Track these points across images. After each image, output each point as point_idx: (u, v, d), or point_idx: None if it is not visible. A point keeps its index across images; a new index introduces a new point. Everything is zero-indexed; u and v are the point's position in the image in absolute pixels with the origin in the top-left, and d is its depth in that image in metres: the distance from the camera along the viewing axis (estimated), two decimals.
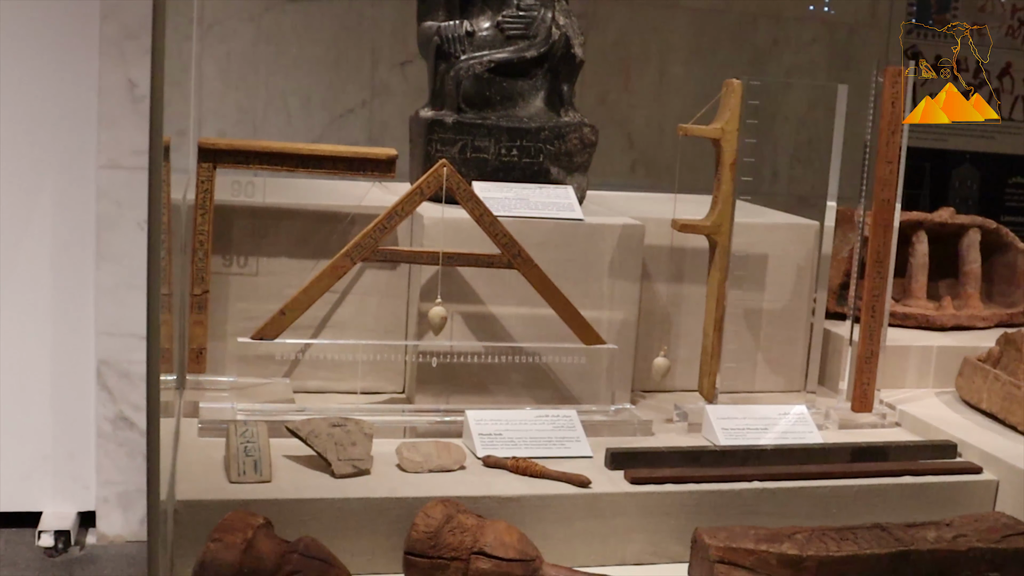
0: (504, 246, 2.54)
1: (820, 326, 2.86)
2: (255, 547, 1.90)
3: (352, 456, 2.26)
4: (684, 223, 2.66)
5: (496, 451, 2.37)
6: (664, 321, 2.93)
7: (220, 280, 2.67)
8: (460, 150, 2.76)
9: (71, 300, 3.84)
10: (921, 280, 3.35)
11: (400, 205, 2.51)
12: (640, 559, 2.29)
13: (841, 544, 2.17)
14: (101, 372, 3.90)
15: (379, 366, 2.68)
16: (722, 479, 2.36)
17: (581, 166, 2.86)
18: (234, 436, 2.26)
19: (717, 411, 2.61)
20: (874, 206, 2.73)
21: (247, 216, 2.67)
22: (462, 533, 2.02)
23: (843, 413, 2.78)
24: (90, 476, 4.04)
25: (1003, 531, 2.28)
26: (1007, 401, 2.75)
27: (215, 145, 2.60)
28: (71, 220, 3.78)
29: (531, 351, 2.65)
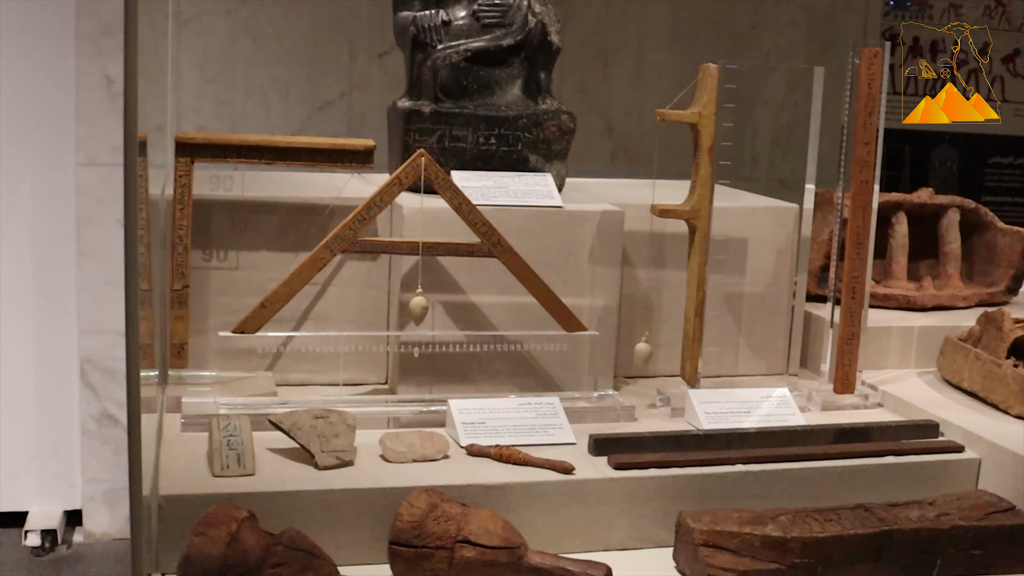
0: (484, 235, 2.55)
1: (801, 309, 2.87)
2: (239, 540, 1.90)
3: (335, 447, 2.26)
4: (663, 208, 2.66)
5: (479, 440, 2.37)
6: (645, 307, 2.93)
7: (200, 275, 2.66)
8: (438, 140, 2.76)
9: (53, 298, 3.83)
10: (901, 261, 3.36)
11: (379, 196, 2.51)
12: (625, 544, 2.30)
13: (825, 525, 2.18)
14: (84, 370, 3.89)
15: (361, 357, 2.68)
16: (705, 463, 2.37)
17: (560, 153, 2.86)
18: (217, 430, 2.26)
19: (700, 395, 2.61)
20: (852, 188, 2.73)
21: (226, 210, 2.67)
22: (446, 522, 2.02)
23: (825, 395, 2.78)
24: (76, 474, 4.03)
25: (986, 508, 2.29)
26: (988, 380, 2.76)
27: (192, 140, 2.59)
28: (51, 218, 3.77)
29: (513, 339, 2.65)
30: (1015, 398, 2.68)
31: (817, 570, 2.14)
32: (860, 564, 2.18)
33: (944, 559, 2.23)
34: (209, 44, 4.63)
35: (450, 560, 2.01)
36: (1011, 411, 2.69)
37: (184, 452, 2.29)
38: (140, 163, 2.26)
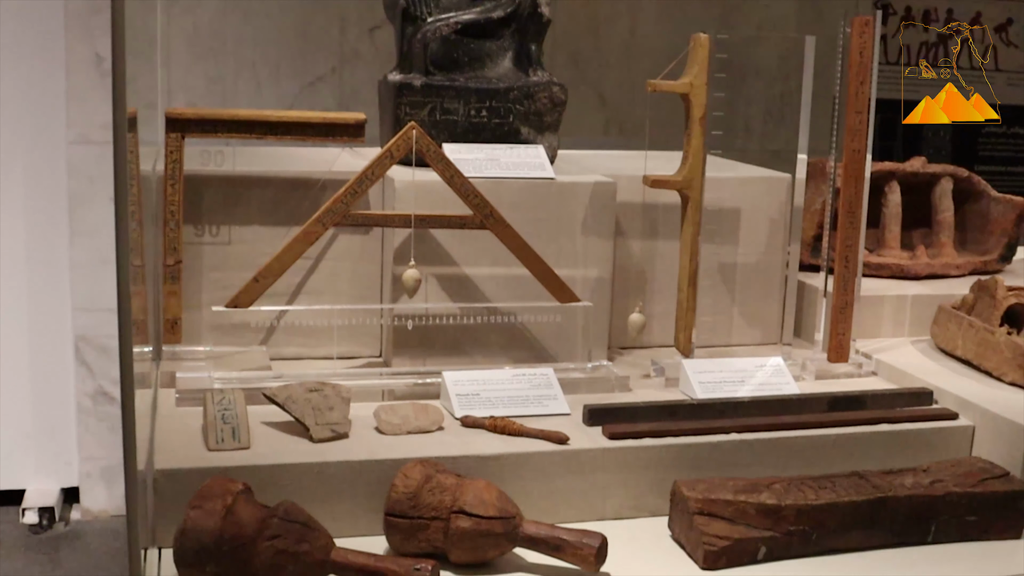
0: (476, 207, 2.54)
1: (794, 278, 2.87)
2: (235, 513, 1.90)
3: (330, 420, 2.26)
4: (656, 179, 2.66)
5: (474, 411, 2.38)
6: (639, 277, 2.93)
7: (193, 250, 2.66)
8: (429, 113, 2.76)
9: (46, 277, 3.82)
10: (894, 230, 3.36)
11: (370, 169, 2.50)
12: (620, 513, 2.30)
13: (819, 492, 2.18)
14: (79, 348, 3.89)
15: (355, 331, 2.68)
16: (700, 432, 2.37)
17: (551, 125, 2.85)
18: (211, 404, 2.26)
19: (694, 365, 2.62)
20: (845, 157, 2.73)
21: (218, 185, 2.66)
22: (441, 493, 2.03)
23: (819, 364, 2.79)
24: (72, 452, 4.03)
25: (980, 475, 2.30)
26: (982, 347, 2.76)
27: (182, 115, 2.58)
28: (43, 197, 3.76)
29: (506, 311, 2.65)
30: (1008, 365, 2.69)
31: (812, 537, 2.15)
32: (854, 531, 2.18)
33: (938, 525, 2.24)
34: (199, 21, 4.61)
35: (446, 531, 2.01)
36: (1004, 378, 2.70)
37: (179, 427, 2.29)
38: (130, 139, 2.25)
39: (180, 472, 2.09)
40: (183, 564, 1.90)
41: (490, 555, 2.04)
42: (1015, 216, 3.41)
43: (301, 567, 1.89)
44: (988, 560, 2.20)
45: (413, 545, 2.02)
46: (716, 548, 2.09)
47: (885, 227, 3.36)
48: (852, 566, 2.15)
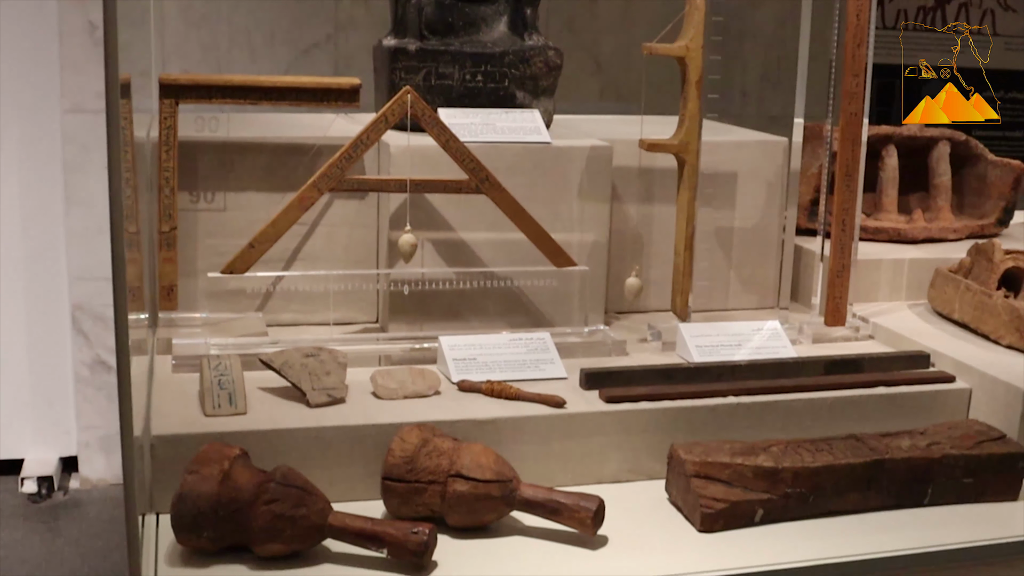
0: (472, 171, 2.53)
1: (791, 242, 2.87)
2: (232, 478, 1.90)
3: (326, 385, 2.26)
4: (652, 142, 2.65)
5: (470, 375, 2.37)
6: (635, 242, 2.93)
7: (188, 216, 2.65)
8: (424, 77, 2.74)
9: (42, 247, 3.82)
10: (891, 194, 3.36)
11: (365, 134, 2.49)
12: (617, 477, 2.30)
13: (816, 455, 2.19)
14: (76, 317, 3.90)
15: (351, 296, 2.68)
16: (697, 395, 2.37)
17: (547, 90, 2.84)
18: (208, 370, 2.26)
19: (690, 329, 2.61)
20: (842, 120, 2.72)
21: (212, 151, 2.65)
22: (438, 456, 2.03)
23: (816, 327, 2.78)
24: (70, 421, 4.05)
25: (976, 438, 2.30)
26: (979, 310, 2.76)
27: (176, 81, 2.57)
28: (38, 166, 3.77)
29: (503, 275, 2.65)
30: (1005, 328, 2.68)
31: (809, 499, 2.15)
32: (851, 493, 2.19)
33: (935, 487, 2.24)
34: None
35: (443, 494, 2.01)
36: (1001, 341, 2.69)
37: (175, 393, 2.28)
38: (124, 106, 2.23)
39: (177, 438, 2.09)
40: (180, 529, 1.90)
41: (487, 518, 2.04)
42: (1012, 180, 3.41)
43: (298, 531, 1.89)
44: (984, 522, 2.21)
45: (410, 509, 2.02)
46: (713, 511, 2.09)
47: (882, 191, 3.36)
48: (849, 528, 2.15)
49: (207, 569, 1.90)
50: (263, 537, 1.89)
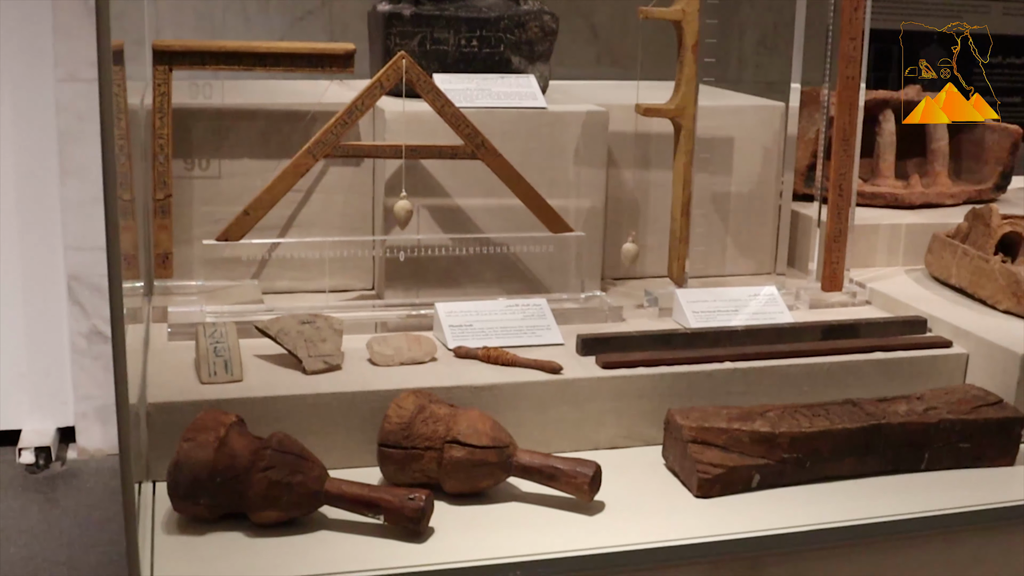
0: (467, 137, 2.52)
1: (788, 208, 2.86)
2: (228, 445, 1.90)
3: (322, 352, 2.25)
4: (648, 107, 2.64)
5: (467, 342, 2.37)
6: (632, 207, 2.92)
7: (183, 184, 2.64)
8: (419, 43, 2.73)
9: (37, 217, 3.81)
10: (889, 159, 3.35)
11: (360, 100, 2.48)
12: (614, 443, 2.30)
13: (813, 420, 2.18)
14: (72, 288, 3.89)
15: (347, 263, 2.67)
16: (694, 361, 2.36)
17: (543, 55, 2.82)
18: (203, 337, 2.25)
19: (687, 294, 2.61)
20: (839, 84, 2.71)
21: (207, 118, 2.64)
22: (435, 423, 2.02)
23: (813, 293, 2.78)
24: (67, 392, 4.04)
25: (973, 403, 2.30)
26: (976, 275, 2.76)
27: (170, 47, 2.55)
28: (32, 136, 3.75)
29: (499, 241, 2.64)
30: (1003, 293, 2.68)
31: (805, 465, 2.15)
32: (848, 458, 2.19)
33: (932, 452, 2.24)
34: None
35: (439, 460, 2.01)
36: (999, 306, 2.69)
37: (171, 361, 2.28)
38: (117, 73, 2.22)
39: (173, 405, 2.09)
40: (177, 497, 1.89)
41: (484, 484, 2.04)
42: (1010, 145, 3.39)
43: (295, 498, 1.89)
44: (981, 487, 2.21)
45: (407, 475, 2.02)
46: (710, 476, 2.09)
47: (879, 156, 3.35)
48: (846, 493, 2.15)
49: (204, 537, 1.90)
50: (260, 504, 1.88)
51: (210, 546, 1.88)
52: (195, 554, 1.85)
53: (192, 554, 1.85)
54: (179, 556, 1.85)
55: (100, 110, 1.61)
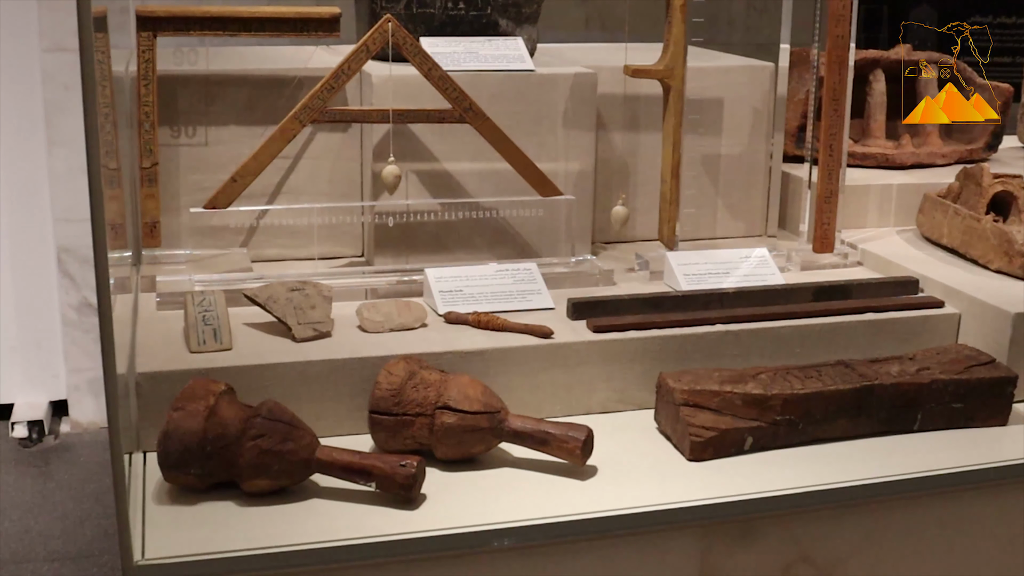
0: (455, 100, 2.50)
1: (778, 169, 2.84)
2: (218, 414, 1.89)
3: (312, 319, 2.24)
4: (636, 68, 2.62)
5: (457, 307, 2.36)
6: (621, 170, 2.90)
7: (169, 152, 2.62)
8: (406, 6, 2.70)
9: (25, 188, 3.79)
10: (879, 119, 3.33)
11: (346, 64, 2.46)
12: (606, 407, 2.29)
13: (805, 382, 2.18)
14: (61, 259, 3.88)
15: (336, 230, 2.65)
16: (685, 324, 2.35)
17: (530, 17, 2.80)
18: (192, 306, 2.24)
19: (678, 257, 2.60)
20: (828, 43, 2.69)
21: (192, 85, 2.62)
22: (425, 389, 2.01)
23: (805, 255, 2.77)
24: (59, 365, 4.03)
25: (966, 362, 2.30)
26: (967, 235, 2.75)
27: (153, 13, 2.52)
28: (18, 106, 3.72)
29: (488, 206, 2.62)
30: (994, 253, 2.67)
31: (798, 426, 2.15)
32: (841, 419, 2.18)
33: (924, 413, 2.24)
34: None
35: (431, 427, 2.00)
36: (990, 266, 2.68)
37: (160, 330, 2.26)
38: (101, 40, 2.20)
39: (162, 375, 2.07)
40: (167, 467, 1.88)
41: (476, 450, 2.03)
42: (1001, 104, 3.38)
43: (286, 466, 1.88)
44: (974, 447, 2.20)
45: (398, 442, 2.01)
46: (702, 439, 2.08)
47: (870, 116, 3.33)
48: (839, 455, 2.14)
49: (195, 507, 1.89)
50: (250, 473, 1.88)
51: (201, 516, 1.87)
52: (186, 524, 1.84)
53: (183, 524, 1.84)
54: (170, 526, 1.84)
55: (82, 77, 1.59)
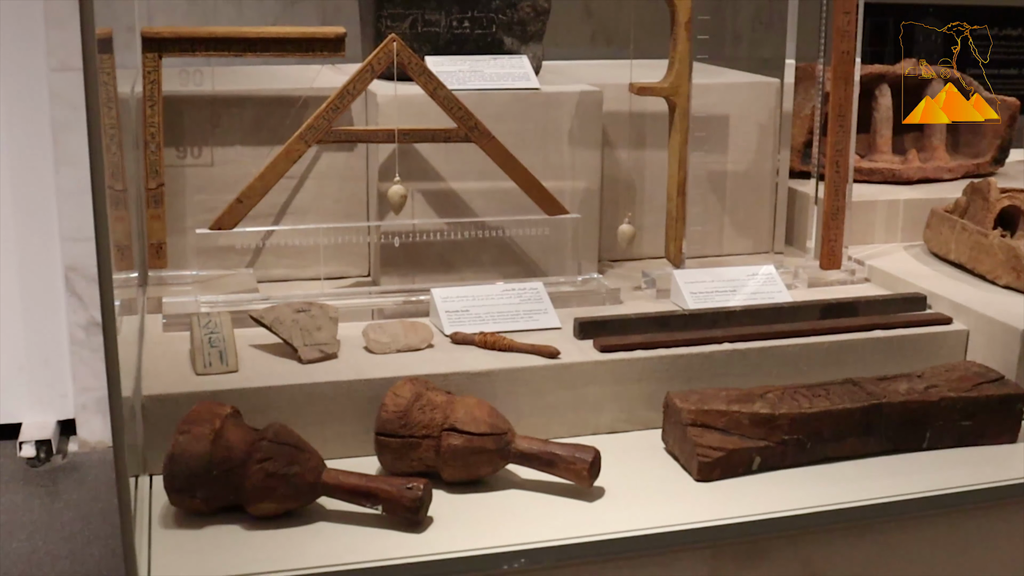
0: (460, 120, 2.50)
1: (785, 185, 2.84)
2: (224, 437, 1.88)
3: (318, 341, 2.24)
4: (642, 86, 2.62)
5: (464, 327, 2.35)
6: (627, 188, 2.90)
7: (175, 173, 2.62)
8: (411, 25, 2.70)
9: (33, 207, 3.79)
10: (886, 134, 3.33)
11: (351, 84, 2.46)
12: (613, 427, 2.29)
13: (813, 401, 2.17)
14: (69, 278, 3.87)
15: (342, 250, 2.65)
16: (692, 343, 2.35)
17: (535, 35, 2.80)
18: (198, 328, 2.23)
19: (685, 275, 2.59)
20: (834, 58, 2.69)
21: (198, 106, 2.62)
22: (432, 411, 2.01)
23: (812, 271, 2.76)
24: (67, 384, 4.03)
25: (974, 380, 2.29)
26: (975, 251, 2.74)
27: (159, 34, 2.53)
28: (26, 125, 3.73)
29: (494, 225, 2.62)
30: (1002, 268, 2.66)
31: (806, 446, 2.14)
32: (849, 438, 2.17)
33: (933, 431, 2.23)
34: None
35: (437, 449, 1.99)
36: (998, 281, 2.67)
37: (166, 352, 2.26)
38: (107, 61, 2.20)
39: (169, 398, 2.07)
40: (173, 490, 1.88)
41: (482, 472, 2.02)
42: (1007, 117, 3.37)
43: (292, 489, 1.88)
44: (984, 465, 2.19)
45: (405, 464, 2.01)
46: (710, 459, 2.07)
47: (876, 131, 3.32)
48: (847, 474, 2.13)
49: (201, 530, 1.88)
50: (256, 496, 1.87)
51: (207, 539, 1.86)
52: (192, 548, 1.84)
53: (189, 548, 1.84)
54: (176, 550, 1.83)
55: (86, 99, 1.59)
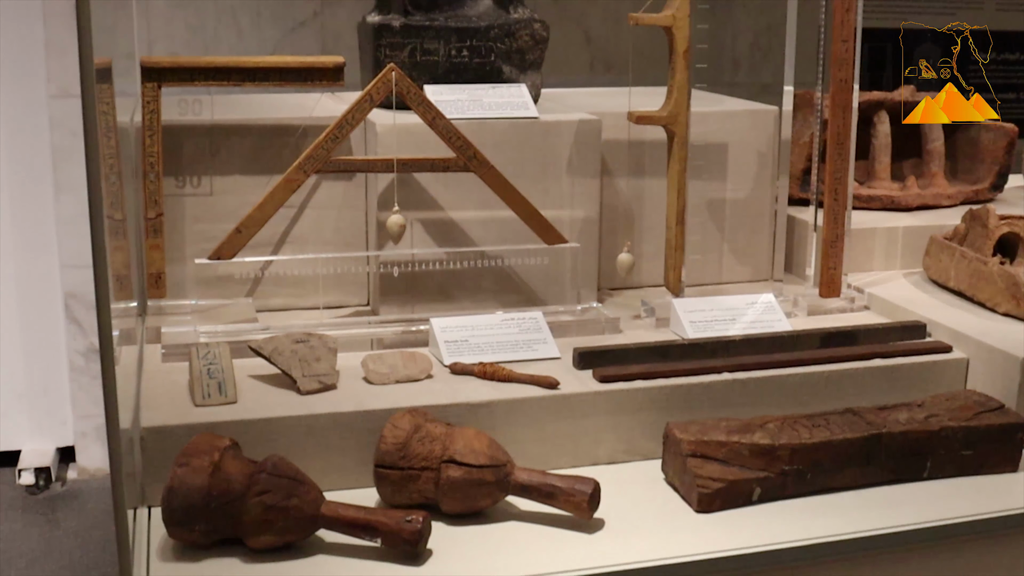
0: (459, 149, 2.50)
1: (784, 213, 2.84)
2: (222, 469, 1.88)
3: (317, 372, 2.23)
4: (640, 115, 2.62)
5: (463, 358, 2.35)
6: (626, 216, 2.90)
7: (174, 202, 2.62)
8: (409, 54, 2.71)
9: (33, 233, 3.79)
10: (884, 161, 3.33)
11: (350, 113, 2.46)
12: (613, 458, 2.28)
13: (813, 431, 2.16)
14: (69, 305, 3.87)
15: (342, 280, 2.65)
16: (692, 372, 2.34)
17: (534, 64, 2.80)
18: (196, 359, 2.23)
19: (684, 304, 2.59)
20: (832, 87, 2.69)
21: (197, 135, 2.62)
22: (431, 442, 2.00)
23: (811, 299, 2.76)
24: (66, 411, 4.02)
25: (975, 408, 2.28)
26: (975, 278, 2.74)
27: (158, 64, 2.53)
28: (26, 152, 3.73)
29: (493, 254, 2.62)
30: (1002, 296, 2.66)
31: (807, 476, 2.13)
32: (850, 468, 2.17)
33: (934, 460, 2.22)
34: None
35: (436, 481, 1.99)
36: (998, 309, 2.67)
37: (165, 383, 2.26)
38: (105, 90, 2.20)
39: (167, 429, 2.06)
40: (172, 523, 1.87)
41: (482, 504, 2.02)
42: (1006, 143, 3.37)
43: (291, 522, 1.87)
44: (985, 494, 2.19)
45: (404, 496, 2.00)
46: (710, 490, 2.07)
47: (875, 158, 3.33)
48: (848, 505, 2.13)
49: (200, 563, 1.88)
50: (255, 529, 1.86)
51: (206, 572, 1.86)
52: None
53: None
54: None
55: (84, 128, 1.59)
